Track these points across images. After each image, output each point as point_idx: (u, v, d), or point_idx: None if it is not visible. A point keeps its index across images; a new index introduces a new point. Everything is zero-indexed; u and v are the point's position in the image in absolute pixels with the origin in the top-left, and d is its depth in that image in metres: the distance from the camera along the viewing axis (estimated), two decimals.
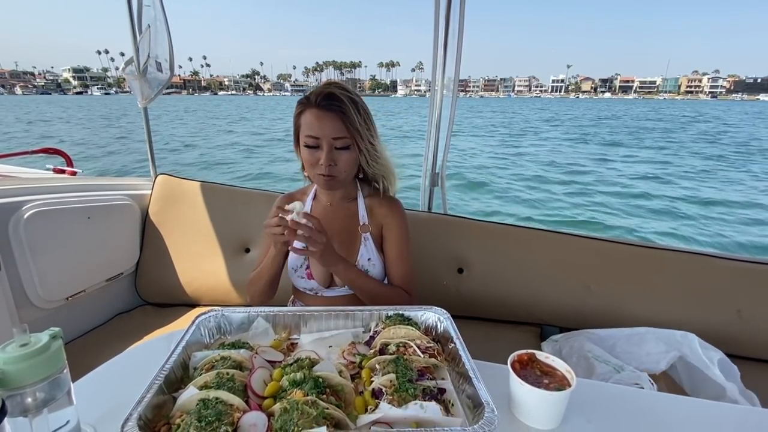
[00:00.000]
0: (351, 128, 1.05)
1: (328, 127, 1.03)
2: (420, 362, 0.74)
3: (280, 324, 0.90)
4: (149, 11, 1.70)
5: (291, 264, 1.19)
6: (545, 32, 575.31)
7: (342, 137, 1.05)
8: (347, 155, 1.07)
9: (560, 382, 0.70)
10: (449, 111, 1.74)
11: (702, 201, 8.19)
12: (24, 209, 1.39)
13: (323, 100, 1.04)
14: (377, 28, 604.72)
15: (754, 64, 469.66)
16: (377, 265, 1.19)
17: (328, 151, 1.04)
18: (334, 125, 1.04)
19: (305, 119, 1.06)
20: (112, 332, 1.62)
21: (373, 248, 1.19)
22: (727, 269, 1.51)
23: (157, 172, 1.89)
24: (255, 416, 0.60)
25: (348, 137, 1.05)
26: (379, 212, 1.21)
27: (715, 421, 0.74)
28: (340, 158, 1.07)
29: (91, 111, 36.03)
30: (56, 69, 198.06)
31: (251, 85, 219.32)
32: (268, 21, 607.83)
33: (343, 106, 1.04)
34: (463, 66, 1.68)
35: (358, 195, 1.22)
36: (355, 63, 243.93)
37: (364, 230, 1.19)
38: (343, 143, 1.06)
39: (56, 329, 0.57)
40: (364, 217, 1.19)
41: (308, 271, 1.18)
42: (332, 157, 1.06)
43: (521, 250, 1.65)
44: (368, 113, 1.11)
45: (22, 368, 0.51)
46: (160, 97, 1.86)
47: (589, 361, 1.25)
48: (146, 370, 0.66)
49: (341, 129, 1.04)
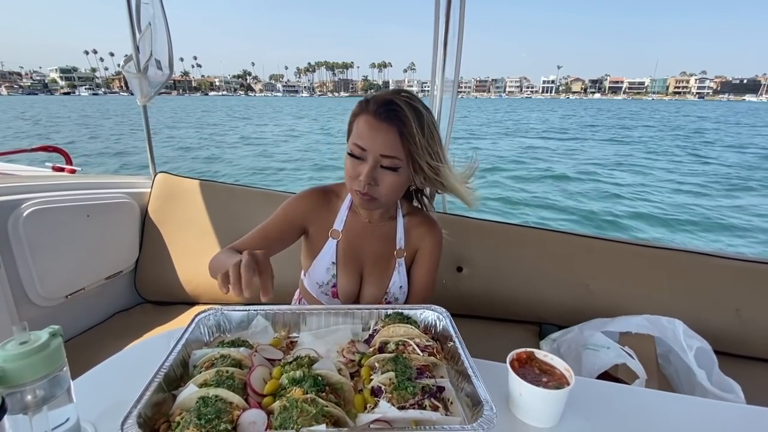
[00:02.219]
0: (407, 147, 0.89)
1: (380, 141, 0.88)
2: (419, 360, 0.74)
3: (280, 322, 0.90)
4: (148, 9, 1.70)
5: (317, 277, 1.08)
6: (536, 33, 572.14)
7: (392, 156, 0.89)
8: (393, 178, 0.91)
9: (559, 380, 0.70)
10: (449, 110, 1.74)
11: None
12: (23, 207, 1.39)
13: (381, 106, 0.89)
14: (369, 28, 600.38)
15: (740, 66, 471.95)
16: (406, 293, 1.11)
17: (371, 168, 0.89)
18: (387, 139, 0.88)
19: (358, 124, 0.92)
20: (112, 330, 1.62)
21: (404, 274, 1.09)
22: (726, 269, 1.51)
23: (157, 171, 1.89)
24: (254, 414, 0.60)
25: (400, 158, 0.89)
26: (415, 234, 1.09)
27: (711, 419, 0.75)
28: (384, 179, 0.91)
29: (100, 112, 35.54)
30: (44, 69, 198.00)
31: (242, 86, 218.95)
32: (259, 21, 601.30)
33: (403, 118, 0.88)
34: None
35: (398, 213, 1.09)
36: (347, 63, 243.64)
37: (399, 255, 1.07)
38: (392, 163, 0.89)
39: (56, 327, 0.57)
40: (401, 240, 1.07)
41: (334, 289, 1.07)
42: (374, 175, 0.90)
43: (520, 248, 1.66)
44: (435, 130, 0.94)
45: (21, 366, 0.51)
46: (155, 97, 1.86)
47: (578, 353, 1.27)
48: (146, 368, 0.66)
49: (394, 146, 0.88)
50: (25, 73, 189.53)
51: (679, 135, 21.11)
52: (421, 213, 1.12)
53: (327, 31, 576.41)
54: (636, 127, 25.94)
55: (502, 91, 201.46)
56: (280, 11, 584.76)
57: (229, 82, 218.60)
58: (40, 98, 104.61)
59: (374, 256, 1.08)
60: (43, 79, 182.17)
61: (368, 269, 1.08)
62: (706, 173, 11.03)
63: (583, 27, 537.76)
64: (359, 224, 1.08)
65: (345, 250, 1.07)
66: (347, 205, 1.07)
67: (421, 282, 1.10)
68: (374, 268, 1.08)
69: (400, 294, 1.09)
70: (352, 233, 1.07)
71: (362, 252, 1.07)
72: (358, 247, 1.07)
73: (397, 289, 1.08)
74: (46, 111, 35.51)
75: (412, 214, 1.11)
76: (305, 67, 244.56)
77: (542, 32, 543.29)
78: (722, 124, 29.66)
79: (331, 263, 1.06)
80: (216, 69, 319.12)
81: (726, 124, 29.76)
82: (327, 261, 1.06)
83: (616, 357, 1.17)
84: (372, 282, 1.08)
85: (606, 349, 1.20)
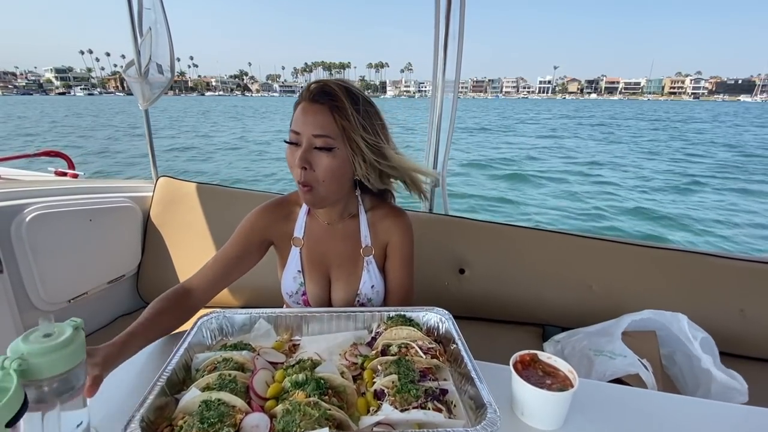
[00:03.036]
0: (340, 123, 0.86)
1: (311, 121, 0.86)
2: (422, 363, 0.74)
3: (282, 325, 0.90)
4: (149, 14, 1.71)
5: (287, 288, 1.06)
6: (533, 33, 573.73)
7: (324, 135, 0.86)
8: (328, 160, 0.87)
9: (563, 382, 0.70)
10: (450, 112, 1.74)
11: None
12: (26, 212, 1.40)
13: (315, 91, 0.88)
14: (367, 28, 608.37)
15: (735, 66, 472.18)
16: (381, 292, 1.06)
17: (304, 150, 0.86)
18: (318, 119, 0.85)
19: (295, 113, 0.90)
20: (114, 334, 1.59)
21: (376, 273, 1.05)
22: (730, 269, 1.51)
23: (159, 174, 1.89)
24: (257, 417, 0.60)
25: (332, 136, 0.86)
26: (381, 227, 1.05)
27: (715, 420, 0.74)
28: (320, 162, 0.87)
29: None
30: (39, 69, 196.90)
31: (239, 86, 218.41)
32: (255, 21, 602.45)
33: (334, 96, 0.86)
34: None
35: (360, 210, 1.04)
36: (344, 64, 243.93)
37: (366, 253, 1.03)
38: (325, 142, 0.86)
39: (78, 320, 0.55)
40: (366, 238, 1.03)
41: (304, 297, 1.05)
42: (309, 158, 0.87)
43: (522, 250, 1.65)
44: (373, 111, 0.92)
45: (44, 361, 0.50)
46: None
47: (589, 358, 1.26)
48: (148, 372, 0.66)
49: (326, 124, 0.85)
50: (20, 73, 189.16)
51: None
52: (386, 205, 1.07)
53: (325, 32, 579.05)
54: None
55: (498, 92, 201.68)
56: (278, 11, 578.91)
57: (225, 83, 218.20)
58: (34, 98, 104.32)
59: (339, 258, 1.04)
60: (38, 79, 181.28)
61: (335, 272, 1.04)
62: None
63: (579, 27, 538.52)
64: (319, 228, 1.04)
65: (309, 256, 1.04)
66: (305, 210, 1.05)
67: (396, 278, 1.06)
68: (341, 270, 1.04)
69: (373, 294, 1.04)
70: (314, 238, 1.04)
71: (326, 256, 1.04)
72: (321, 251, 1.04)
73: (368, 290, 1.03)
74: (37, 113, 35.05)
75: (375, 208, 1.06)
76: (302, 68, 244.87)
77: (538, 32, 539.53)
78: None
79: (297, 272, 1.04)
80: (212, 69, 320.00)
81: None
82: (293, 270, 1.04)
83: (630, 366, 1.15)
84: (340, 286, 1.05)
85: (622, 358, 1.19)
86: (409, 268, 1.08)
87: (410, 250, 1.07)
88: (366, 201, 1.06)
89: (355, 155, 0.90)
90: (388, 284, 1.08)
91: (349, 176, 0.94)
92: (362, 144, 0.88)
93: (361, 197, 1.05)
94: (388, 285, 1.08)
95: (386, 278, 1.08)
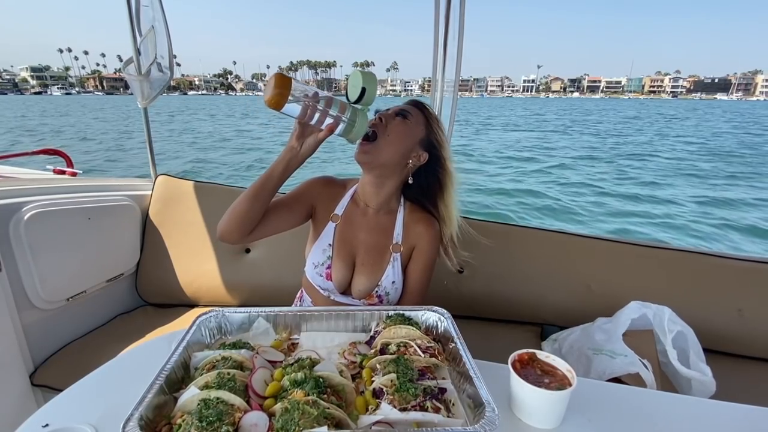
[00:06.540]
0: (425, 113, 1.05)
1: (399, 107, 1.04)
2: (421, 362, 0.74)
3: (281, 324, 0.90)
4: (147, 12, 1.71)
5: (315, 258, 1.11)
6: (517, 32, 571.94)
7: (407, 111, 1.03)
8: (400, 124, 1.02)
9: (561, 381, 0.70)
10: (450, 111, 1.74)
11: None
12: (24, 210, 1.39)
13: (413, 101, 1.08)
14: (353, 27, 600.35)
15: (712, 65, 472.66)
16: (399, 290, 1.11)
17: (384, 111, 1.03)
18: (408, 107, 1.05)
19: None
20: (113, 333, 1.62)
21: (399, 270, 1.10)
22: (729, 269, 1.51)
23: (158, 173, 1.89)
24: (256, 416, 0.60)
25: (414, 114, 1.03)
26: (414, 230, 1.11)
27: (713, 420, 0.75)
28: (393, 122, 1.02)
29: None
30: (15, 68, 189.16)
31: (223, 85, 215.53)
32: (240, 19, 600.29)
33: (427, 110, 1.07)
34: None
35: (399, 210, 1.13)
36: (329, 62, 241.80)
37: (395, 250, 1.10)
38: (404, 110, 1.03)
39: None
40: (398, 236, 1.10)
41: (328, 271, 1.10)
42: (385, 115, 1.02)
43: (521, 249, 1.65)
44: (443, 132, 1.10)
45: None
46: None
47: (588, 357, 1.26)
48: (147, 371, 0.65)
49: (414, 113, 1.04)
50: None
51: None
52: (424, 211, 1.14)
53: (310, 30, 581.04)
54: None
55: (483, 90, 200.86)
56: (263, 9, 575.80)
57: (209, 82, 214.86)
58: (8, 98, 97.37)
59: (367, 246, 1.10)
60: (13, 78, 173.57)
61: (361, 258, 1.10)
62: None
63: (562, 26, 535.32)
64: (357, 213, 1.12)
65: (341, 235, 1.11)
66: (350, 194, 1.15)
67: (416, 281, 1.11)
68: (367, 258, 1.09)
69: (392, 290, 1.09)
70: (349, 220, 1.12)
71: (356, 240, 1.10)
72: (353, 234, 1.11)
73: (389, 284, 1.09)
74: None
75: (414, 211, 1.13)
76: (287, 66, 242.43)
77: (522, 31, 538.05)
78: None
79: (328, 245, 1.10)
80: (195, 68, 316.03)
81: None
82: (324, 243, 1.11)
83: (630, 365, 1.15)
84: (363, 272, 1.09)
85: (623, 357, 1.19)
86: (429, 273, 1.14)
87: (434, 258, 1.13)
88: (407, 203, 1.15)
89: (420, 148, 1.04)
90: (406, 284, 1.13)
91: (407, 156, 1.04)
92: (434, 140, 1.05)
93: (404, 199, 1.14)
94: (406, 285, 1.13)
95: (405, 278, 1.13)
